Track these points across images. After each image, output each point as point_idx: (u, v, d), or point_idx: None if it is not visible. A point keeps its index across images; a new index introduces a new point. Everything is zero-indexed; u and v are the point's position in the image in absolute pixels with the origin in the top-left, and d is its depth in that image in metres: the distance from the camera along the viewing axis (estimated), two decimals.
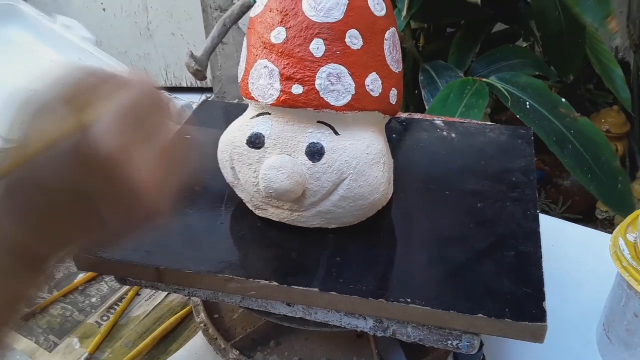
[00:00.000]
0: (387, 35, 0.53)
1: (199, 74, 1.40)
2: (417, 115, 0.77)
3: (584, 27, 1.30)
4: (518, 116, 1.23)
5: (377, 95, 0.52)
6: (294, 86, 0.50)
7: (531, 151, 0.67)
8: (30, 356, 0.69)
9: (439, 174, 0.64)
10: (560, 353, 0.65)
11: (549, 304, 0.67)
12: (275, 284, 0.50)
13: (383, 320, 0.51)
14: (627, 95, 1.38)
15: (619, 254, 0.58)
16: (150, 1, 2.43)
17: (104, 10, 2.48)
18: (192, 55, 1.38)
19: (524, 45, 1.68)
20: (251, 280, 0.50)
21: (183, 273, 0.53)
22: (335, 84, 0.50)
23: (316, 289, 0.49)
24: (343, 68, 0.50)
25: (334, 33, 0.49)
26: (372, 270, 0.52)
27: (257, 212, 0.58)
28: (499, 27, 1.59)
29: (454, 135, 0.71)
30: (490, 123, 0.72)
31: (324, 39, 0.49)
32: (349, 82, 0.50)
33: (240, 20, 1.42)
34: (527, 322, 0.47)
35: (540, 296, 0.48)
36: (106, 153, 0.34)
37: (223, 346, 0.63)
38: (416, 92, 1.42)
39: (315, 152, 0.51)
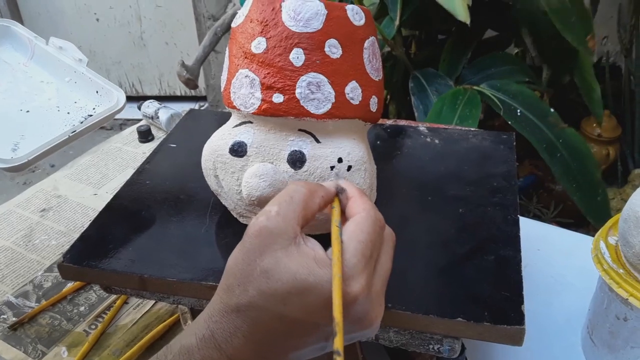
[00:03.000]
0: (366, 44, 0.53)
1: (190, 83, 1.41)
2: (402, 122, 0.77)
3: None
4: (509, 122, 1.24)
5: (357, 103, 0.52)
6: (275, 95, 0.50)
7: (513, 156, 0.67)
8: None
9: (422, 179, 0.65)
10: (545, 356, 0.65)
11: (534, 308, 0.68)
12: None
13: None
14: (601, 112, 1.43)
15: (600, 257, 0.58)
16: (144, 11, 2.44)
17: (97, 20, 2.49)
18: (183, 64, 1.39)
19: (515, 51, 1.69)
20: None
21: (167, 281, 0.53)
22: (315, 92, 0.50)
23: None
24: (322, 77, 0.50)
25: (313, 42, 0.50)
26: None
27: (241, 220, 0.58)
28: (490, 33, 1.60)
29: (437, 141, 0.71)
30: (473, 129, 0.73)
31: (304, 49, 0.50)
32: (328, 91, 0.50)
33: None
34: (505, 326, 0.47)
35: (519, 300, 0.49)
36: (353, 296, 0.36)
37: None
38: (407, 98, 1.42)
39: (296, 160, 0.52)
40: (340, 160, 0.52)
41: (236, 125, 0.54)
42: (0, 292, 0.79)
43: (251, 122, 0.53)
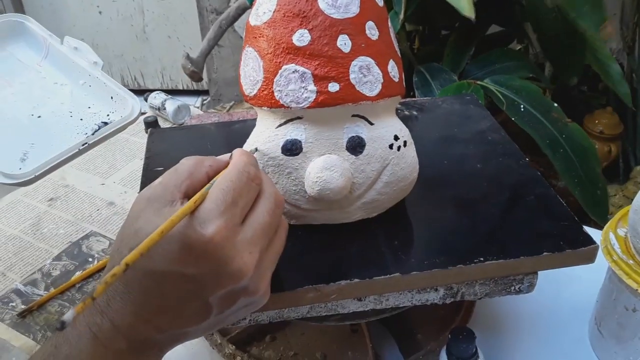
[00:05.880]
0: (389, 24, 0.54)
1: (195, 76, 1.41)
2: None
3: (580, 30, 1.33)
4: (513, 118, 1.25)
5: (397, 80, 0.53)
6: (330, 84, 0.50)
7: (486, 112, 0.72)
8: (27, 353, 0.70)
9: (427, 147, 0.66)
10: (552, 347, 0.65)
11: (541, 300, 0.69)
12: (357, 280, 0.49)
13: (452, 286, 0.53)
14: (625, 90, 1.39)
15: (610, 248, 0.59)
16: (146, 4, 2.44)
17: (100, 13, 2.49)
18: (187, 57, 1.39)
19: (518, 47, 1.70)
20: (332, 284, 0.49)
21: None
22: (367, 75, 0.50)
23: (397, 274, 0.49)
24: (370, 59, 0.51)
25: (355, 27, 0.50)
26: (432, 243, 0.54)
27: (291, 222, 0.55)
28: (494, 28, 1.61)
29: (415, 112, 0.74)
30: (438, 97, 0.77)
31: (348, 34, 0.50)
32: (377, 72, 0.51)
33: (236, 22, 1.43)
34: (582, 248, 0.51)
35: (578, 225, 0.54)
36: (208, 237, 0.36)
37: (219, 341, 0.63)
38: (410, 94, 1.43)
39: (356, 145, 0.51)
40: (396, 137, 0.52)
41: (281, 125, 0.52)
42: (8, 280, 0.79)
43: (300, 118, 0.52)
